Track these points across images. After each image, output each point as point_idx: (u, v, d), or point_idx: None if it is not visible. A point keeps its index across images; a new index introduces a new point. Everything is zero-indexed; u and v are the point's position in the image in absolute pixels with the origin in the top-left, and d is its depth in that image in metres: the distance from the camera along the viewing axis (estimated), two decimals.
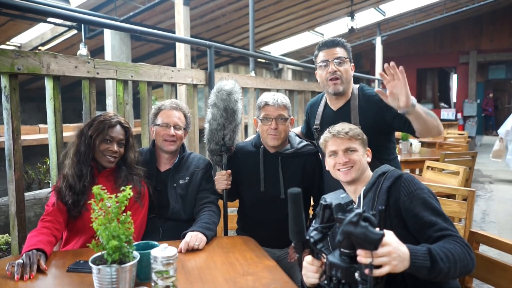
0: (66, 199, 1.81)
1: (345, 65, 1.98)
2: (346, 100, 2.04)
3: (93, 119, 1.94)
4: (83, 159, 1.85)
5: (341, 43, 2.01)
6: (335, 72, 1.96)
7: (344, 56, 1.98)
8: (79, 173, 1.84)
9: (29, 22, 6.36)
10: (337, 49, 1.98)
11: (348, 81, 2.00)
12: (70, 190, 1.81)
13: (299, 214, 1.21)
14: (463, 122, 13.58)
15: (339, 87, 1.97)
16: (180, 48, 5.02)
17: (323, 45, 2.03)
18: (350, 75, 2.01)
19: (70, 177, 1.83)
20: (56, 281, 1.45)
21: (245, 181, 2.17)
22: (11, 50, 1.99)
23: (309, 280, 1.29)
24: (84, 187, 1.83)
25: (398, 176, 1.52)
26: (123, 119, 1.97)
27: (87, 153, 1.85)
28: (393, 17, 10.79)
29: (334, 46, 1.99)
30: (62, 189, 1.83)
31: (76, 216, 1.84)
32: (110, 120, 1.90)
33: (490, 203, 5.62)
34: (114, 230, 1.22)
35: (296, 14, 8.92)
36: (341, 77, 1.96)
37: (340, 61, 1.97)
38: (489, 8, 12.56)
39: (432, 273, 1.23)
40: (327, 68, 1.98)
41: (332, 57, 1.97)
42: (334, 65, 1.96)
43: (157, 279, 1.32)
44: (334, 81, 1.97)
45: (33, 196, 2.93)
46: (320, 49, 2.03)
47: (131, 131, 1.99)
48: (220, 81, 2.13)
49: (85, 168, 1.84)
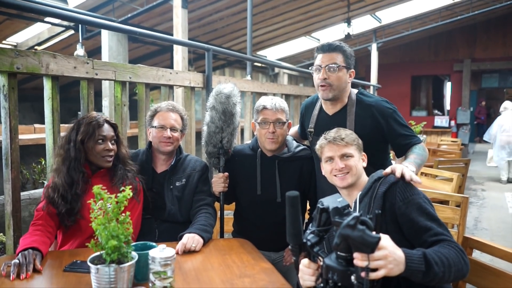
0: (60, 209, 1.76)
1: (338, 73, 1.91)
2: (342, 105, 2.00)
3: (77, 123, 1.87)
4: (74, 166, 1.81)
5: (339, 48, 1.93)
6: (324, 79, 1.90)
7: (338, 63, 1.91)
8: (70, 181, 1.79)
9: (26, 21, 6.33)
10: (333, 55, 1.92)
11: (341, 89, 1.94)
12: (62, 200, 1.77)
13: (296, 217, 1.22)
14: (457, 130, 13.70)
15: (328, 94, 1.92)
16: (177, 51, 5.03)
17: (320, 48, 1.96)
18: (344, 82, 1.93)
19: (61, 187, 1.79)
20: (53, 281, 1.45)
21: (242, 184, 2.18)
22: (11, 49, 1.99)
23: (306, 283, 1.30)
24: (77, 195, 1.79)
25: (394, 181, 1.54)
26: (107, 117, 1.95)
27: (77, 158, 1.81)
28: (389, 24, 10.89)
29: (330, 51, 1.92)
30: (54, 199, 1.78)
31: (70, 225, 1.81)
32: (97, 120, 1.87)
33: (482, 210, 5.67)
34: (114, 230, 1.22)
35: (293, 19, 8.97)
36: (332, 85, 1.90)
37: (332, 69, 1.90)
38: (483, 17, 12.72)
39: (427, 277, 1.25)
40: (318, 74, 1.94)
41: (325, 63, 1.91)
42: (325, 72, 1.90)
43: (155, 280, 1.33)
44: (323, 88, 1.93)
45: (28, 196, 2.92)
46: (317, 52, 1.98)
47: (118, 127, 1.97)
48: (219, 84, 2.14)
49: (76, 174, 1.80)
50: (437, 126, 13.69)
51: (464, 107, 14.14)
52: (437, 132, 11.78)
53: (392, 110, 1.94)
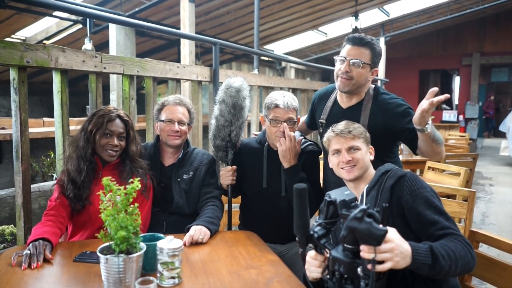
0: (68, 193, 1.83)
1: (362, 69, 1.88)
2: (358, 100, 1.98)
3: (93, 114, 1.94)
4: (82, 154, 1.86)
5: (369, 44, 1.90)
6: (346, 72, 1.89)
7: (364, 60, 1.88)
8: (78, 168, 1.85)
9: (35, 16, 6.37)
10: (362, 49, 1.89)
11: (361, 85, 1.92)
12: (72, 184, 1.83)
13: (304, 209, 1.23)
14: (465, 124, 13.58)
15: (346, 86, 1.91)
16: (185, 45, 5.04)
17: (351, 39, 1.92)
18: (365, 79, 1.92)
19: (72, 172, 1.85)
20: (63, 270, 1.48)
21: (249, 177, 2.19)
22: (21, 43, 2.02)
23: (312, 274, 1.32)
24: (84, 182, 1.84)
25: (402, 175, 1.54)
26: (122, 113, 1.97)
27: (85, 148, 1.86)
28: (397, 18, 10.77)
29: (360, 45, 1.89)
30: (64, 183, 1.85)
31: (80, 210, 1.86)
32: (110, 114, 1.91)
33: (490, 205, 5.63)
34: (122, 221, 1.24)
35: (301, 13, 8.91)
36: (352, 78, 1.89)
37: (357, 64, 1.87)
38: (493, 10, 12.54)
39: (433, 270, 1.26)
40: (342, 65, 1.90)
41: (351, 56, 1.88)
42: (348, 65, 1.88)
43: (163, 270, 1.35)
44: (343, 79, 1.91)
45: (37, 188, 2.96)
46: (347, 42, 1.93)
47: (131, 124, 1.99)
48: (228, 78, 2.14)
49: (83, 163, 1.85)
50: (445, 121, 13.56)
51: (472, 101, 13.99)
52: (445, 126, 11.67)
53: (408, 109, 1.90)
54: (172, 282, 1.36)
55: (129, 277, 1.26)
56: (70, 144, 1.94)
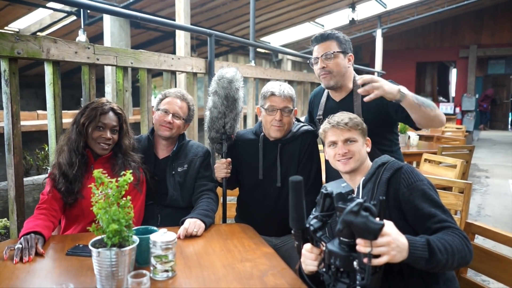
0: (59, 187, 1.80)
1: (335, 59, 1.95)
2: (348, 92, 2.03)
3: (85, 106, 1.91)
4: (74, 147, 1.83)
5: (331, 36, 1.98)
6: (323, 68, 1.96)
7: (333, 50, 1.95)
8: (70, 161, 1.83)
9: (28, 7, 6.29)
10: (327, 43, 1.97)
11: (341, 74, 1.98)
12: (63, 178, 1.81)
13: (299, 202, 1.21)
14: (461, 117, 13.60)
15: (330, 81, 1.98)
16: (180, 36, 4.97)
17: (314, 40, 2.02)
18: (343, 67, 1.98)
19: (63, 165, 1.83)
20: (56, 264, 1.46)
21: (245, 169, 2.17)
22: (11, 34, 1.97)
23: (308, 267, 1.30)
24: (76, 176, 1.82)
25: (398, 167, 1.52)
26: (115, 106, 1.95)
27: (77, 141, 1.84)
28: (394, 9, 10.72)
29: (324, 40, 1.98)
30: (56, 176, 1.82)
31: (72, 204, 1.84)
32: (103, 107, 1.88)
33: (486, 197, 5.66)
34: (114, 214, 1.22)
35: (297, 4, 8.85)
36: (331, 71, 1.95)
37: (328, 56, 1.95)
38: (491, 2, 12.52)
39: (430, 264, 1.24)
40: (317, 65, 1.99)
41: (320, 53, 1.97)
42: (322, 61, 1.96)
43: (156, 264, 1.34)
44: (323, 76, 1.98)
45: (31, 182, 2.93)
46: (312, 44, 2.04)
47: (125, 117, 1.97)
48: (221, 69, 2.12)
49: (75, 156, 1.83)
50: None
51: (469, 94, 14.01)
52: None
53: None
54: (165, 275, 1.34)
55: (121, 271, 1.24)
56: (64, 136, 1.91)
